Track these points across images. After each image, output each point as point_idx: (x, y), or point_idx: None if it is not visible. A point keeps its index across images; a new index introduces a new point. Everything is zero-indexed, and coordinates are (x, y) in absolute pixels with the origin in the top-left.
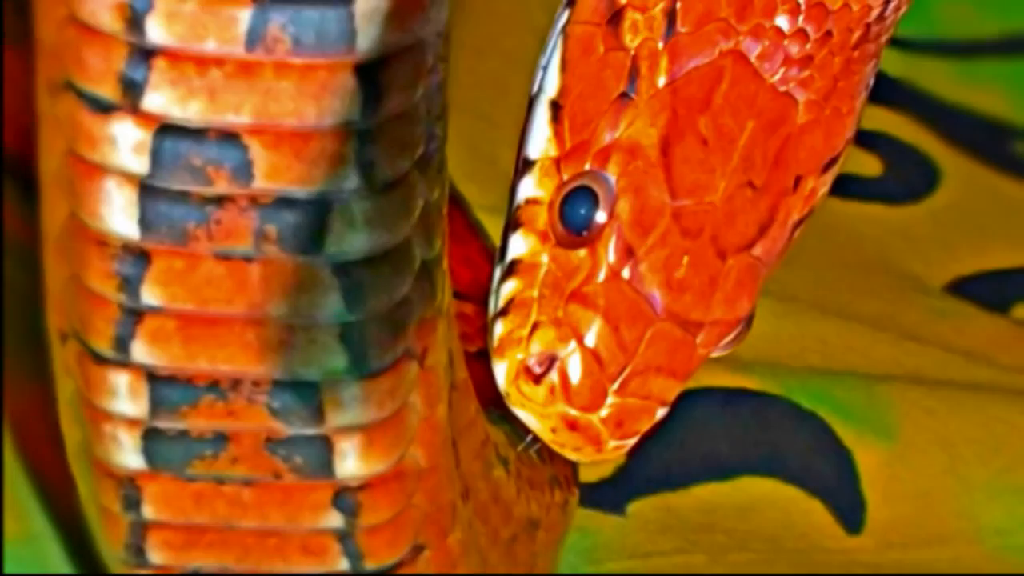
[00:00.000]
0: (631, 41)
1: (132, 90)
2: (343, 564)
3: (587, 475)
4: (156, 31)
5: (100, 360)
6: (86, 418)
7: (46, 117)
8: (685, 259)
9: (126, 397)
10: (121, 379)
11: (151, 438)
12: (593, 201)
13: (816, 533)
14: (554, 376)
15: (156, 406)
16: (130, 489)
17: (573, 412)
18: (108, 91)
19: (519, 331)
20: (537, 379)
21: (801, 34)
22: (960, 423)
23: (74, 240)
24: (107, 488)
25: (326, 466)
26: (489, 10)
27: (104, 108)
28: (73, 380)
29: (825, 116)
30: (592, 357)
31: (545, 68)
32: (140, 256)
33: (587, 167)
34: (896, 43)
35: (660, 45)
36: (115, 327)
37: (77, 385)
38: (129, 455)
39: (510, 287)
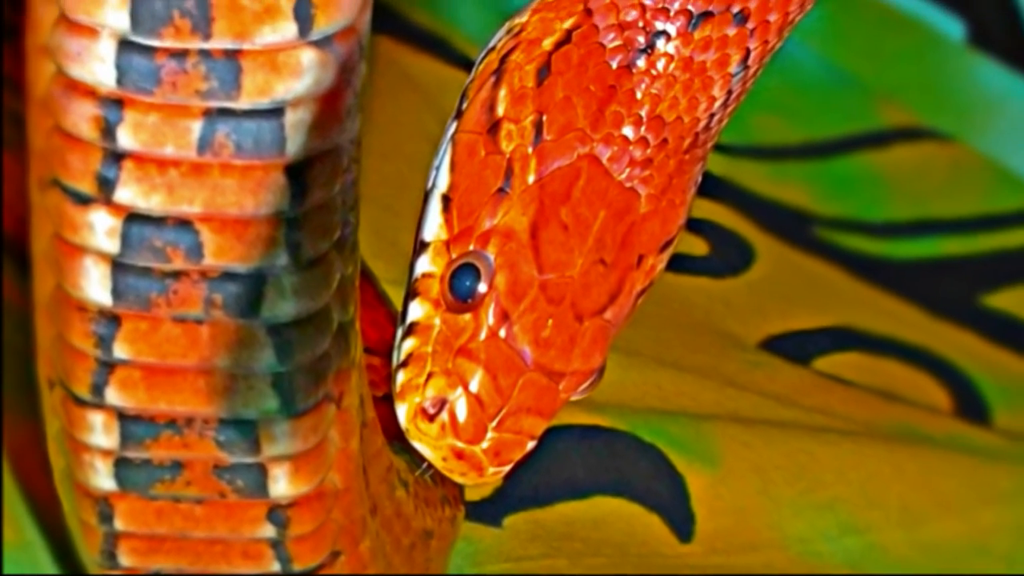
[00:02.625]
0: (506, 147)
1: (106, 186)
2: (276, 566)
3: (471, 495)
4: (125, 138)
5: (80, 403)
6: (69, 449)
7: (37, 208)
8: (550, 322)
9: (101, 432)
10: (97, 418)
11: (121, 465)
12: (476, 275)
13: (655, 541)
14: (445, 416)
15: (125, 440)
16: (104, 506)
17: (460, 444)
18: (87, 187)
19: (416, 379)
20: (431, 418)
21: (643, 141)
22: (771, 453)
23: (59, 306)
24: (86, 505)
25: (262, 488)
26: (393, 121)
27: (83, 200)
28: (58, 419)
29: (662, 207)
30: (475, 401)
31: (437, 168)
32: (112, 319)
33: (471, 248)
34: (719, 148)
35: (530, 150)
36: (92, 376)
37: (62, 423)
38: (103, 479)
39: (409, 344)
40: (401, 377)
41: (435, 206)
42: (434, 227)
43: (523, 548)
